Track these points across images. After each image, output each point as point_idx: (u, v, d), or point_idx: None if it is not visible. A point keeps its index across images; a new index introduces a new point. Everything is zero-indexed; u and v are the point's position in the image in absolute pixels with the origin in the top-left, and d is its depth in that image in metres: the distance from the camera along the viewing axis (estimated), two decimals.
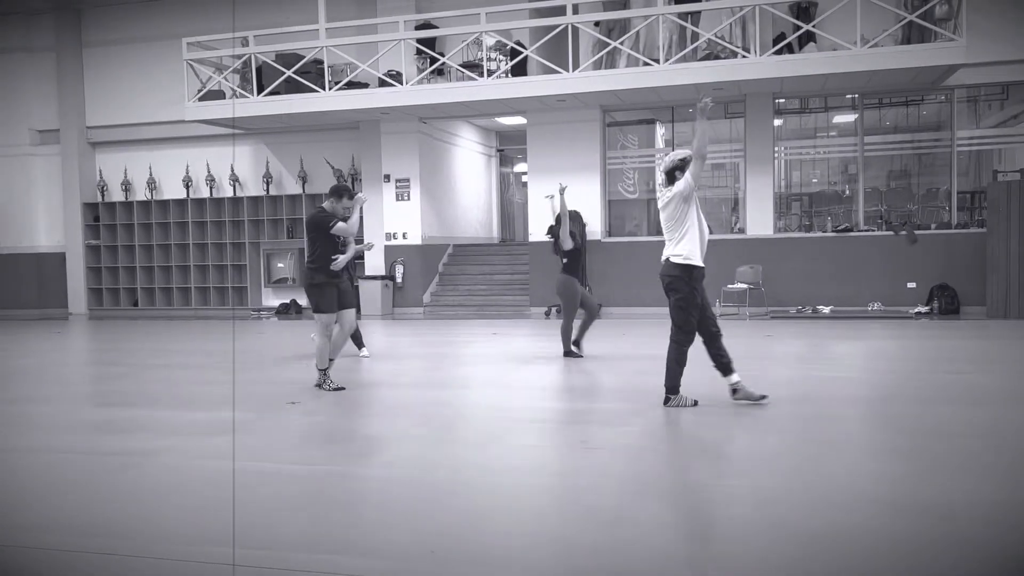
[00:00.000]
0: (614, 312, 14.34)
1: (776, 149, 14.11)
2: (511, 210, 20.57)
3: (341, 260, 6.81)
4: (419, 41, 14.28)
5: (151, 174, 17.14)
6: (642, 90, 13.10)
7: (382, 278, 15.22)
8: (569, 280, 8.31)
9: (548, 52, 13.41)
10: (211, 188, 16.78)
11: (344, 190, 6.93)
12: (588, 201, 14.43)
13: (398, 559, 2.99)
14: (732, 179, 14.92)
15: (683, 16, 12.68)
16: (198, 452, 4.68)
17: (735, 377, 5.56)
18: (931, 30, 11.67)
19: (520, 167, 20.69)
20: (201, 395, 6.82)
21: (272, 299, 16.73)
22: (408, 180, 15.41)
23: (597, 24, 13.52)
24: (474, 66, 14.20)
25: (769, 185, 13.77)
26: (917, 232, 13.05)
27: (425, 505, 3.61)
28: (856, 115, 13.78)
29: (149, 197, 17.17)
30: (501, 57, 14.27)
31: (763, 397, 5.56)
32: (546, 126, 14.72)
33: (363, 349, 9.02)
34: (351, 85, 14.42)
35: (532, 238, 14.89)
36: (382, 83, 14.25)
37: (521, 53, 13.62)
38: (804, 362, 8.28)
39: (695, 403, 5.56)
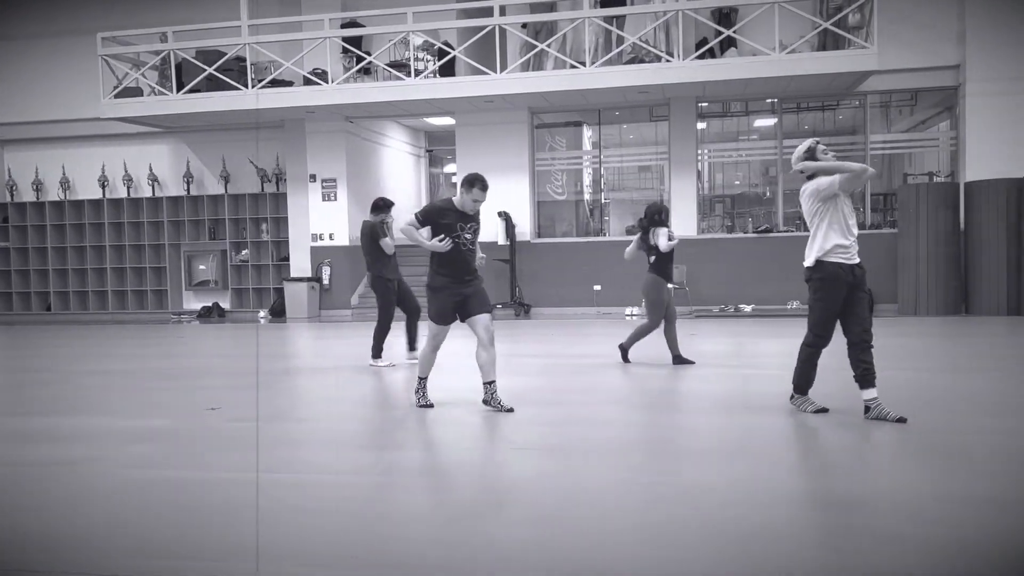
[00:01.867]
0: (545, 312, 14.44)
1: (699, 152, 14.41)
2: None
3: None
4: (345, 40, 14.10)
5: (64, 173, 16.49)
6: (569, 92, 13.21)
7: (308, 280, 14.96)
8: (658, 280, 7.58)
9: (476, 53, 13.42)
10: (128, 188, 16.23)
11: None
12: (517, 202, 14.50)
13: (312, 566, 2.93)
14: (657, 181, 15.18)
15: (608, 20, 12.84)
16: (122, 461, 4.51)
17: (871, 393, 4.95)
18: (846, 37, 12.11)
19: (450, 168, 20.59)
20: (122, 403, 6.58)
21: (193, 302, 16.28)
22: (335, 180, 15.19)
23: (524, 26, 13.60)
24: (401, 66, 14.10)
25: (692, 187, 14.05)
26: None
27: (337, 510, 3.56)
28: (776, 119, 14.19)
29: (62, 197, 16.51)
30: (429, 57, 14.20)
31: (901, 419, 4.84)
32: (475, 127, 14.72)
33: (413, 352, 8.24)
34: (275, 83, 14.14)
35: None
36: (307, 81, 14.03)
37: (449, 53, 13.59)
38: (727, 360, 8.46)
39: (823, 410, 5.13)
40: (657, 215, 7.67)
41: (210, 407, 6.03)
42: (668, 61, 12.44)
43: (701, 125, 14.44)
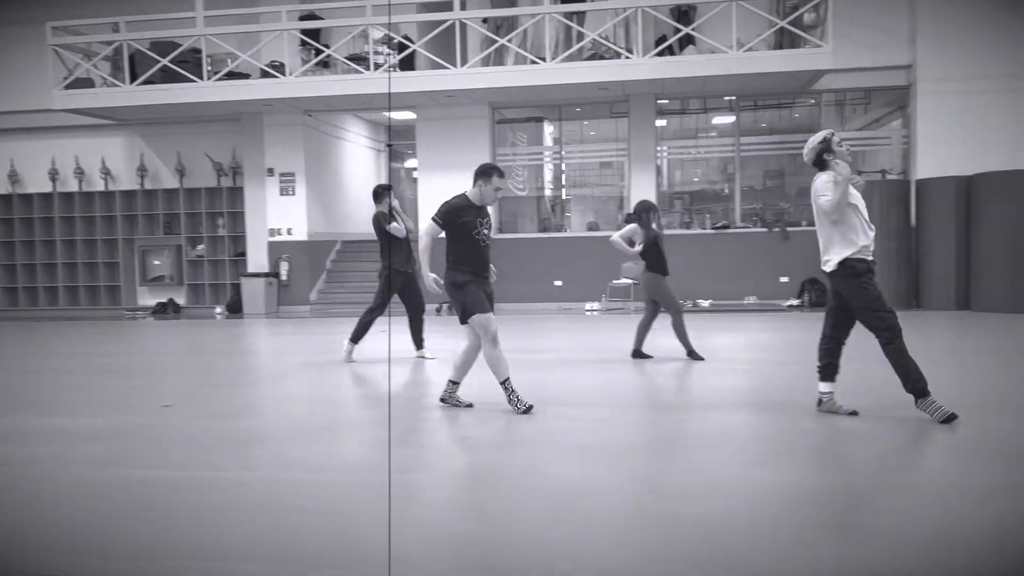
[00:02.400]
0: (507, 308, 14.41)
1: (659, 149, 14.52)
2: (402, 205, 20.35)
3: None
4: (304, 32, 13.94)
5: (12, 166, 16.05)
6: (529, 88, 13.21)
7: (265, 275, 14.77)
8: (655, 278, 7.60)
9: (437, 48, 13.36)
10: (80, 181, 15.85)
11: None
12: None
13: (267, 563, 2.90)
14: (618, 177, 15.26)
15: (569, 16, 12.86)
16: (78, 460, 4.41)
17: (828, 387, 5.04)
18: (801, 37, 12.29)
19: (411, 162, 20.48)
20: (75, 401, 6.43)
21: (148, 298, 15.97)
22: (293, 174, 15.02)
23: (485, 21, 13.57)
24: (360, 59, 13.98)
25: (652, 183, 14.15)
26: (789, 229, 13.71)
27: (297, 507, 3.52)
28: (734, 117, 14.35)
29: (10, 190, 16.07)
30: (389, 51, 14.09)
31: (853, 412, 4.97)
32: (436, 122, 14.65)
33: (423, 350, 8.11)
34: (232, 76, 13.91)
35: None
36: (264, 74, 13.84)
37: (409, 47, 13.51)
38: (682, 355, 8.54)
39: (953, 416, 4.70)
40: (644, 213, 7.59)
41: (164, 404, 5.93)
42: (628, 58, 12.51)
43: (661, 122, 14.55)
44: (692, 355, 7.58)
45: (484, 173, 5.31)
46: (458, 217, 5.24)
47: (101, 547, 3.09)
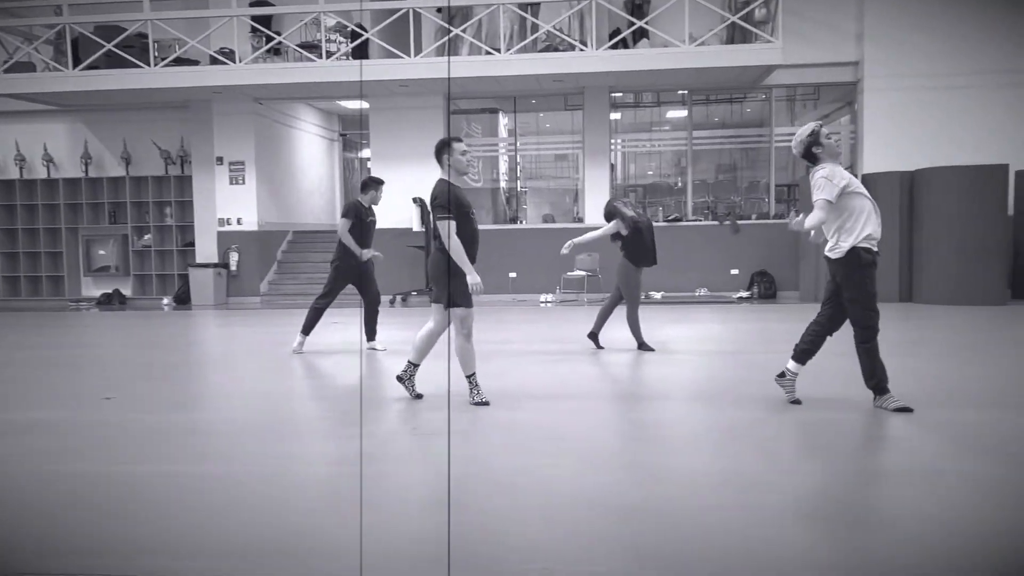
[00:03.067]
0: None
1: (613, 141, 14.60)
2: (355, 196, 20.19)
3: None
4: (254, 19, 13.69)
5: None
6: (484, 79, 13.17)
7: (214, 266, 14.51)
8: (627, 266, 7.64)
9: (390, 37, 13.23)
10: (21, 169, 15.37)
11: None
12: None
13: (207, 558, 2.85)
14: (573, 170, 15.31)
15: (523, 7, 12.84)
16: (17, 454, 4.28)
17: (796, 366, 5.11)
18: (752, 32, 12.45)
19: (365, 152, 20.28)
20: (12, 393, 6.24)
21: (92, 289, 15.57)
22: (243, 163, 14.76)
23: (439, 10, 13.47)
24: (312, 47, 13.79)
25: (606, 176, 14.22)
26: (739, 222, 13.90)
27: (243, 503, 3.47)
28: (686, 111, 14.49)
29: None
30: (342, 39, 13.92)
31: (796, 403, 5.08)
32: (389, 111, 14.52)
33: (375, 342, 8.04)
34: (179, 62, 13.61)
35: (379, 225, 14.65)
36: (214, 61, 13.58)
37: (362, 36, 13.36)
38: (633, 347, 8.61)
39: (907, 408, 4.84)
40: (614, 208, 7.68)
41: (105, 396, 5.79)
42: (582, 50, 12.53)
43: (615, 115, 14.62)
44: (642, 347, 7.66)
45: (443, 147, 5.20)
46: (460, 203, 5.12)
47: (49, 544, 3.00)
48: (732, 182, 15.14)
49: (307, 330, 7.84)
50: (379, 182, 7.98)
